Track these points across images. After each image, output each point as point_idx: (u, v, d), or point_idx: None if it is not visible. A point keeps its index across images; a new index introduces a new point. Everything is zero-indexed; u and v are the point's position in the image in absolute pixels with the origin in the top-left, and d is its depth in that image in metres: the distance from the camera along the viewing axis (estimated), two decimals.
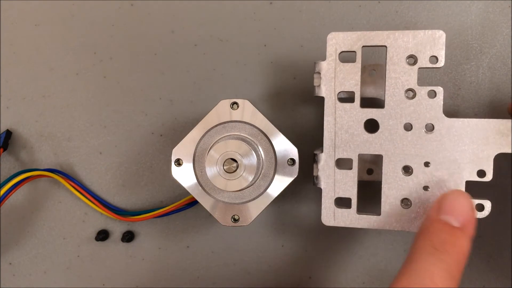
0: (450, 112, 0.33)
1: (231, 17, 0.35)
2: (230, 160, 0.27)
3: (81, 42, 0.37)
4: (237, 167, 0.27)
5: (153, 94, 0.36)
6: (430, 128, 0.28)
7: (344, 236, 0.35)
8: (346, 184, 0.29)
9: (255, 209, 0.29)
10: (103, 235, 0.37)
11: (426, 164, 0.28)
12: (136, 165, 0.37)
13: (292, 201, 0.35)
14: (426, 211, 0.28)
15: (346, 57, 0.28)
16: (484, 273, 0.34)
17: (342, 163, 0.29)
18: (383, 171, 0.28)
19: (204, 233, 0.37)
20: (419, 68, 0.27)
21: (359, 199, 0.29)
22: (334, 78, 0.28)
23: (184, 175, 0.29)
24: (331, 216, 0.29)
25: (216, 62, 0.36)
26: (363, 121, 0.28)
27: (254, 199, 0.29)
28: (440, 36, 0.27)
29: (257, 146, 0.28)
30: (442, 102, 0.27)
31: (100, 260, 0.37)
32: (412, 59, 0.27)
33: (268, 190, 0.29)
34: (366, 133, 0.28)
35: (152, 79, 0.36)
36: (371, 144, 0.28)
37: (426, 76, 0.33)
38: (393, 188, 0.28)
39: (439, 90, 0.27)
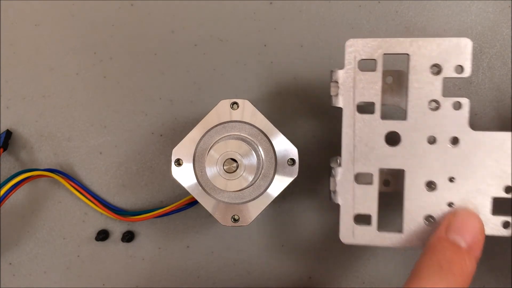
0: None
1: (231, 17, 0.35)
2: (230, 160, 0.27)
3: (81, 42, 0.36)
4: (237, 167, 0.27)
5: (153, 94, 0.36)
6: (455, 141, 0.26)
7: None
8: (366, 200, 0.27)
9: (255, 209, 0.29)
10: (103, 235, 0.37)
11: (451, 179, 0.26)
12: (136, 165, 0.37)
13: (292, 201, 0.35)
14: None
15: (362, 64, 0.27)
16: (484, 273, 0.34)
17: (360, 177, 0.27)
18: (405, 186, 0.27)
19: (204, 233, 0.36)
20: (444, 78, 0.26)
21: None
22: (353, 87, 0.26)
23: (184, 175, 0.29)
24: (350, 233, 0.27)
25: (216, 62, 0.36)
26: (384, 133, 0.27)
27: (254, 199, 0.29)
28: (466, 44, 0.25)
29: (257, 146, 0.28)
30: (468, 114, 0.26)
31: (100, 260, 0.37)
32: (436, 69, 0.26)
33: (268, 190, 0.29)
34: (387, 146, 0.27)
35: (152, 79, 0.36)
36: (392, 158, 0.27)
37: None
38: (415, 205, 0.26)
39: (465, 101, 0.26)
